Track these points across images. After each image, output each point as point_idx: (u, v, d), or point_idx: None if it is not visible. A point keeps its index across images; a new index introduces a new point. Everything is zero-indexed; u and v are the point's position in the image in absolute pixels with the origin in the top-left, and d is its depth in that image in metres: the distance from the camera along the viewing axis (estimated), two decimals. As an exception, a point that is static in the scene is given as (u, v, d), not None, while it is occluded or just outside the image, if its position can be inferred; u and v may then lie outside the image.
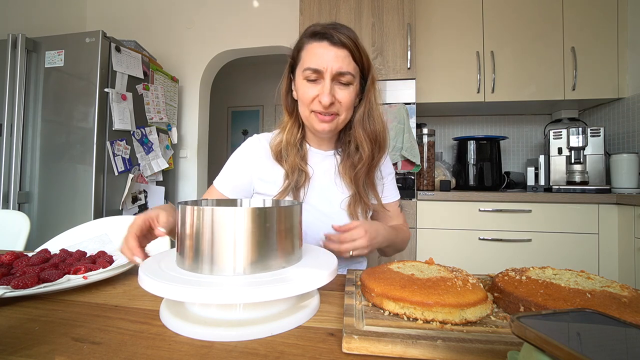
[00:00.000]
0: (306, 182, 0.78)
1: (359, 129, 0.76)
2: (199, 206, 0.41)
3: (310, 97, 0.71)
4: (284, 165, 0.78)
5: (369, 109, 0.76)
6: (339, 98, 0.71)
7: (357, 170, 0.77)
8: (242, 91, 4.11)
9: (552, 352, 0.19)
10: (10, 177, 1.73)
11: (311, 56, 0.70)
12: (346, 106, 0.72)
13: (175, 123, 2.39)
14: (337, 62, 0.68)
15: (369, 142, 0.76)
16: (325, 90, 0.68)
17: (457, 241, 1.71)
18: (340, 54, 0.68)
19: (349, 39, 0.69)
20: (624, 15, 1.86)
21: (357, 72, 0.72)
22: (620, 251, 1.55)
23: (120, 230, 0.98)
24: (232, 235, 0.40)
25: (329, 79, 0.69)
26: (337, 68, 0.68)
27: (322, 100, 0.68)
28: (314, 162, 0.81)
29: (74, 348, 0.34)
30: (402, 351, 0.32)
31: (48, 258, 0.61)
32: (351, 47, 0.69)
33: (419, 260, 0.50)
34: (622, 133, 1.92)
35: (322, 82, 0.69)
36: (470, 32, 2.00)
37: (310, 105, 0.72)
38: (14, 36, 1.74)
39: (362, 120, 0.76)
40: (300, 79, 0.73)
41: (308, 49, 0.71)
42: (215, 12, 2.50)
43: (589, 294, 0.36)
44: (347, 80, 0.70)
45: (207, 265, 0.40)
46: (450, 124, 2.43)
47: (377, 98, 0.78)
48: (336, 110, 0.72)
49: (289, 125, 0.80)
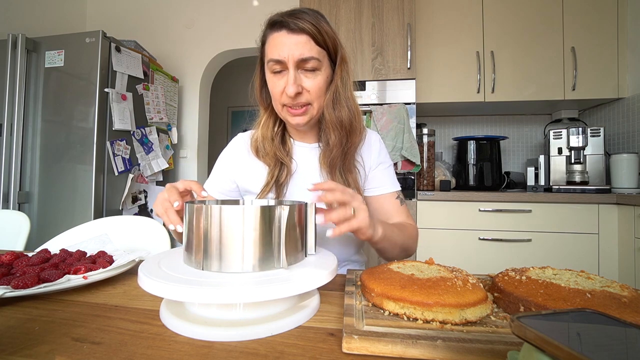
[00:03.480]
0: (288, 177, 0.75)
1: (327, 115, 0.72)
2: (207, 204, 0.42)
3: (279, 91, 0.68)
4: (263, 160, 0.77)
5: (335, 93, 0.71)
6: (307, 87, 0.68)
7: (331, 158, 0.73)
8: (242, 91, 4.10)
9: (552, 352, 0.19)
10: (10, 177, 1.73)
11: (272, 47, 0.67)
12: (316, 94, 0.69)
13: (175, 123, 2.39)
14: (298, 49, 0.65)
15: (334, 129, 0.72)
16: (290, 80, 0.65)
17: (457, 241, 1.71)
18: (300, 39, 0.65)
19: (307, 23, 0.65)
20: (624, 15, 1.86)
21: (324, 55, 0.69)
22: (620, 251, 1.55)
23: (120, 230, 0.98)
24: (241, 232, 0.41)
25: (293, 68, 0.66)
26: (298, 55, 0.65)
27: (288, 92, 0.66)
28: (299, 156, 0.79)
29: (74, 348, 0.34)
30: (402, 351, 0.32)
31: (48, 258, 0.61)
32: (311, 31, 0.65)
33: (419, 260, 0.50)
34: (622, 133, 1.92)
35: (286, 73, 0.67)
36: (470, 32, 2.00)
37: (280, 99, 0.69)
38: (14, 36, 1.74)
39: (328, 106, 0.71)
40: (268, 73, 0.70)
41: (269, 41, 0.68)
42: (215, 12, 2.50)
43: (589, 294, 0.36)
44: (312, 65, 0.66)
45: (215, 262, 0.41)
46: (450, 124, 2.43)
47: (345, 81, 0.72)
48: (306, 100, 0.69)
49: (264, 119, 0.79)
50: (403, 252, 0.73)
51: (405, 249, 0.72)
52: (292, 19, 0.65)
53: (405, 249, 0.72)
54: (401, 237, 0.69)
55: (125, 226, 1.01)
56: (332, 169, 0.74)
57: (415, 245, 0.76)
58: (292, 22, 0.65)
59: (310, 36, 0.66)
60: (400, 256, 0.73)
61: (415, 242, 0.76)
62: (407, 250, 0.73)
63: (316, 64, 0.67)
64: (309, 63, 0.66)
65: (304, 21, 0.65)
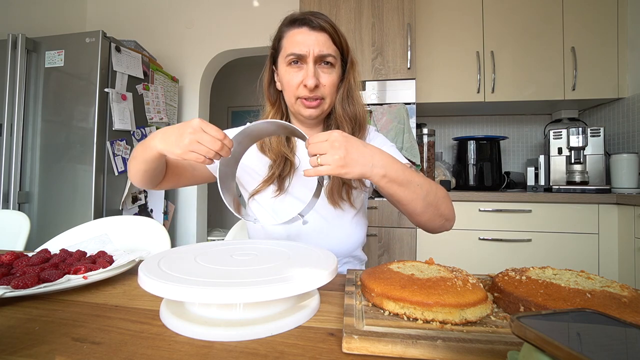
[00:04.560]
0: (291, 171, 0.78)
1: (339, 110, 0.77)
2: None
3: (296, 83, 0.72)
4: (268, 155, 0.79)
5: (349, 90, 0.77)
6: (323, 81, 0.72)
7: None
8: (242, 91, 4.10)
9: (552, 352, 0.19)
10: (10, 177, 1.73)
11: (292, 43, 0.71)
12: (330, 89, 0.73)
13: (175, 123, 2.38)
14: (318, 46, 0.70)
15: (349, 122, 0.77)
16: (309, 73, 0.70)
17: (457, 241, 1.71)
18: (320, 37, 0.70)
19: (327, 23, 0.71)
20: (624, 15, 1.86)
21: (338, 54, 0.74)
22: (620, 251, 1.55)
23: (120, 230, 0.98)
24: None
25: (312, 62, 0.70)
26: (318, 51, 0.70)
27: (308, 83, 0.69)
28: (302, 153, 0.81)
29: (74, 348, 0.34)
30: (402, 351, 0.32)
31: (48, 258, 0.61)
32: (330, 31, 0.71)
33: (419, 260, 0.50)
34: (622, 133, 1.92)
35: (305, 67, 0.71)
36: (470, 32, 2.00)
37: (296, 91, 0.73)
38: (14, 36, 1.74)
39: (342, 101, 0.77)
40: (283, 66, 0.74)
41: (289, 37, 0.72)
42: (215, 12, 2.50)
43: (589, 294, 0.36)
44: (330, 61, 0.72)
45: None
46: (450, 124, 2.43)
47: (356, 80, 0.78)
48: (321, 94, 0.73)
49: (271, 115, 0.81)
50: (432, 208, 0.62)
51: (435, 205, 0.62)
52: (314, 18, 0.71)
53: (435, 204, 0.62)
54: (425, 184, 0.61)
55: (125, 226, 1.01)
56: None
57: (450, 205, 0.66)
58: (314, 19, 0.70)
59: (329, 35, 0.71)
60: (431, 215, 0.63)
61: (448, 201, 0.66)
62: (438, 207, 0.63)
63: (332, 60, 0.72)
64: (327, 59, 0.71)
65: (323, 21, 0.71)
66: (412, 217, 0.65)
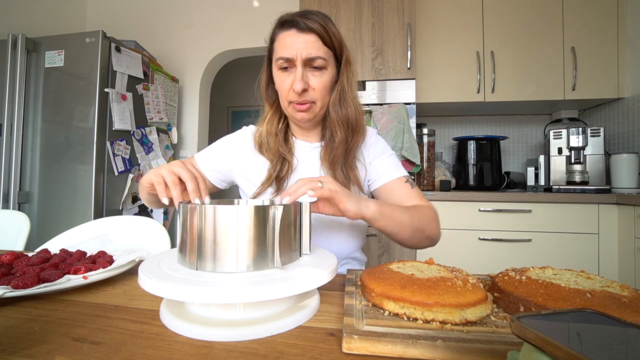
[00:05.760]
0: (289, 172, 0.77)
1: (332, 114, 0.75)
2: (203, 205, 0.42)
3: (286, 87, 0.71)
4: (266, 155, 0.79)
5: (341, 92, 0.75)
6: (312, 85, 0.70)
7: (334, 155, 0.75)
8: (242, 91, 4.11)
9: (552, 352, 0.19)
10: (10, 177, 1.73)
11: (282, 45, 0.70)
12: (320, 93, 0.72)
13: (175, 123, 2.39)
14: (307, 48, 0.68)
15: (341, 126, 0.75)
16: (297, 77, 0.68)
17: (457, 241, 1.71)
18: (309, 39, 0.68)
19: (316, 24, 0.68)
20: (624, 15, 1.86)
21: (330, 55, 0.72)
22: (620, 251, 1.55)
23: (120, 230, 0.98)
24: (235, 232, 0.41)
25: (301, 66, 0.69)
26: (306, 54, 0.68)
27: (295, 88, 0.68)
28: (300, 155, 0.81)
29: (74, 348, 0.34)
30: (402, 351, 0.32)
31: (48, 258, 0.61)
32: (319, 32, 0.69)
33: (419, 260, 0.50)
34: (622, 133, 1.92)
35: (294, 71, 0.70)
36: (470, 32, 2.00)
37: (288, 96, 0.72)
38: (14, 36, 1.74)
39: (335, 104, 0.75)
40: (275, 70, 0.73)
41: (279, 39, 0.71)
42: (214, 12, 2.50)
43: (589, 294, 0.36)
44: (319, 64, 0.70)
45: (209, 262, 0.41)
46: (450, 124, 2.43)
47: (351, 81, 0.76)
48: (310, 97, 0.71)
49: (269, 116, 0.81)
50: (418, 233, 0.69)
51: (420, 230, 0.69)
52: (302, 19, 0.68)
53: (420, 229, 0.69)
54: (409, 216, 0.67)
55: (125, 226, 1.01)
56: (334, 165, 0.76)
57: (434, 227, 0.73)
58: (302, 21, 0.68)
59: (318, 36, 0.69)
60: (418, 239, 0.70)
61: (433, 223, 0.72)
62: (423, 231, 0.69)
63: (322, 63, 0.70)
64: (316, 62, 0.69)
65: (312, 21, 0.68)
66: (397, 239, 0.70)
